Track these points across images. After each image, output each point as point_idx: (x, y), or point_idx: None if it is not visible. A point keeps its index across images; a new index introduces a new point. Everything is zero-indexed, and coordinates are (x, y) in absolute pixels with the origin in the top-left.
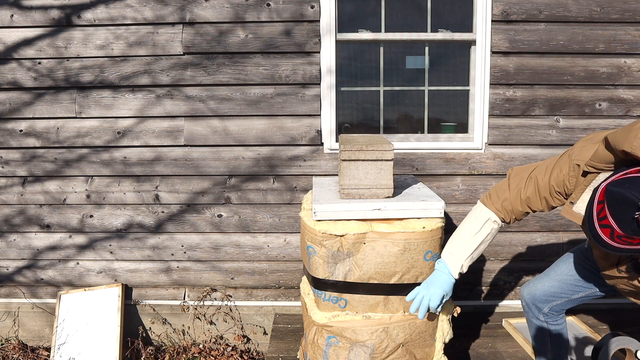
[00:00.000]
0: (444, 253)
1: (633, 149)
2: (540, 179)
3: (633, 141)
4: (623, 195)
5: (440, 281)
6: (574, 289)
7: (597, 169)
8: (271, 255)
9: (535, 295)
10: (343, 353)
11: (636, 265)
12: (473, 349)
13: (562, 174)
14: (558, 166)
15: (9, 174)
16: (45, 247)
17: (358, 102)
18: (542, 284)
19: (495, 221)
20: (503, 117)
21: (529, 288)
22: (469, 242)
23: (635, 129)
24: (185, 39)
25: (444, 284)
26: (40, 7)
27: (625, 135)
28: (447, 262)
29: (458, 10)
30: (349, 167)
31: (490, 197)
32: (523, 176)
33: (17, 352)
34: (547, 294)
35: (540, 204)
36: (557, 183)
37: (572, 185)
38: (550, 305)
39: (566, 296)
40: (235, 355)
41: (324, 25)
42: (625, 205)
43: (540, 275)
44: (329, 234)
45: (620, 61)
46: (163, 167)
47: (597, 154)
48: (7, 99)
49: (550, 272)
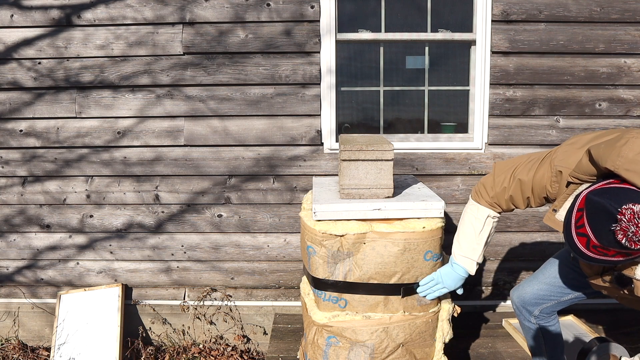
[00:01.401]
0: (457, 256)
1: (616, 167)
2: (524, 180)
3: (616, 160)
4: (602, 205)
5: (455, 279)
6: (563, 291)
7: (581, 180)
8: (271, 255)
9: (524, 298)
10: (343, 353)
11: (619, 277)
12: (473, 349)
13: (544, 179)
14: (541, 170)
15: (9, 174)
16: (45, 247)
17: (358, 102)
18: (531, 287)
19: (494, 216)
20: (503, 117)
21: (518, 291)
22: (477, 242)
23: (617, 147)
24: (185, 39)
25: (459, 281)
26: (40, 7)
27: (608, 152)
28: (463, 264)
29: (458, 10)
30: (349, 167)
31: (481, 193)
32: (507, 175)
33: (17, 352)
34: (536, 296)
35: (523, 204)
36: (539, 187)
37: (554, 190)
38: (540, 308)
39: (555, 298)
40: (235, 355)
41: (324, 25)
42: (603, 216)
43: (529, 277)
44: (329, 234)
45: (620, 61)
46: (163, 167)
47: (580, 166)
48: (7, 99)
49: (538, 275)
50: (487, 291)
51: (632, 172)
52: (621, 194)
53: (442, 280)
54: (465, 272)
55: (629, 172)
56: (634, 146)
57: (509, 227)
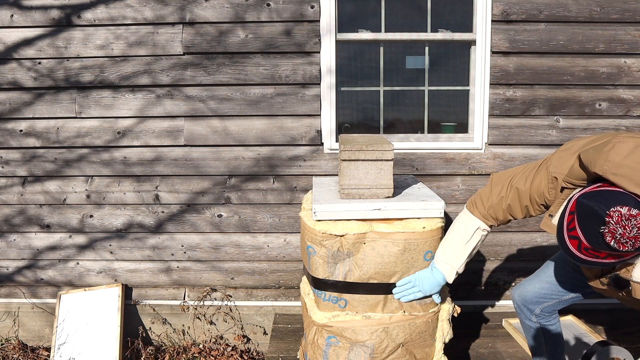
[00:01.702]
0: (439, 261)
1: (604, 172)
2: (521, 189)
3: (604, 164)
4: (591, 208)
5: (433, 284)
6: (564, 290)
7: (574, 185)
8: (271, 255)
9: (525, 297)
10: (343, 353)
11: (616, 280)
12: (473, 349)
13: (541, 186)
14: (538, 177)
15: (9, 174)
16: (45, 247)
17: (358, 102)
18: (533, 285)
19: (485, 229)
20: (503, 117)
21: (519, 290)
22: (461, 251)
23: (604, 152)
24: (185, 39)
25: (436, 287)
26: (40, 7)
27: (596, 157)
28: (442, 270)
29: (458, 10)
30: (349, 167)
31: (476, 204)
32: (504, 184)
33: (17, 352)
34: (537, 295)
35: (521, 213)
36: (537, 194)
37: (552, 196)
38: (542, 307)
39: (557, 297)
40: (235, 355)
41: (324, 25)
42: (592, 218)
43: (530, 276)
44: (329, 234)
45: (620, 61)
46: (163, 167)
47: (572, 171)
48: (7, 99)
49: (540, 274)
50: (487, 291)
51: (620, 176)
52: (610, 197)
53: (419, 283)
54: (443, 279)
55: (616, 176)
56: (620, 150)
57: (509, 227)
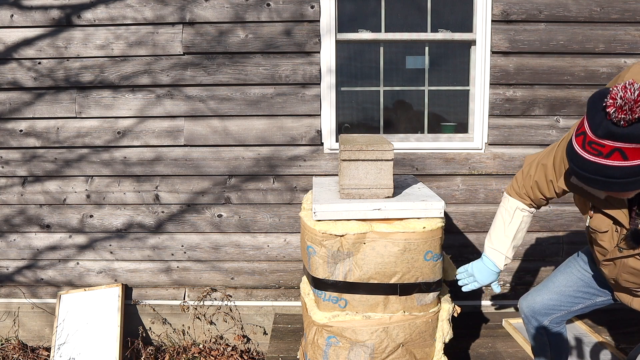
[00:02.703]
0: (487, 249)
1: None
2: (547, 164)
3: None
4: (599, 92)
5: (486, 273)
6: (574, 301)
7: None
8: (271, 255)
9: (534, 308)
10: (343, 353)
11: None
12: (473, 349)
13: (564, 158)
14: (559, 151)
15: (9, 174)
16: (45, 247)
17: (358, 102)
18: (541, 296)
19: (524, 209)
20: (503, 117)
21: (527, 300)
22: (505, 234)
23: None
24: (185, 39)
25: (489, 276)
26: (40, 7)
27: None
28: (491, 257)
29: (458, 10)
30: (349, 167)
31: (512, 185)
32: (533, 163)
33: (17, 352)
34: (546, 306)
35: (547, 190)
36: (560, 167)
37: None
38: (550, 319)
39: (566, 308)
40: (235, 355)
41: (324, 25)
42: (598, 100)
43: (538, 286)
44: (329, 234)
45: (620, 61)
46: (163, 167)
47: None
48: (7, 99)
49: (548, 284)
50: (487, 291)
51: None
52: None
53: (473, 273)
54: (494, 266)
55: None
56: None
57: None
